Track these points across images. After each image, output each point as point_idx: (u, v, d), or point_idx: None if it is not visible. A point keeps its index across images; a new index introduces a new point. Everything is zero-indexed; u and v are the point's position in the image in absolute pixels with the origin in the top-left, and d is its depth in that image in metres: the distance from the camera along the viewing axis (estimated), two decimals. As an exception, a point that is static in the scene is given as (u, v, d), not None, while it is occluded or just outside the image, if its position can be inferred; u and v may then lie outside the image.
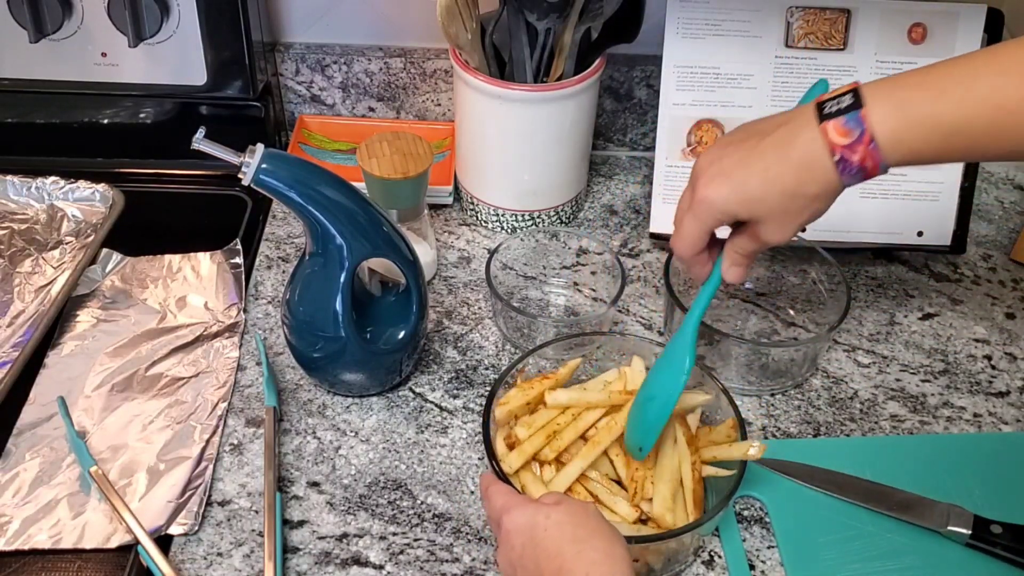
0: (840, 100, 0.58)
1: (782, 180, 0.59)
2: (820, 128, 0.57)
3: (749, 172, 0.60)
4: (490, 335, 0.88)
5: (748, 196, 0.61)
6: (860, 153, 0.57)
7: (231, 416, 0.80)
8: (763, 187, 0.60)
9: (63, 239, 0.94)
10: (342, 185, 0.72)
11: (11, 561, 0.69)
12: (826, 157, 0.58)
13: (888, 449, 0.79)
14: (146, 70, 0.98)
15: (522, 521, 0.58)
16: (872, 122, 0.57)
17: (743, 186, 0.60)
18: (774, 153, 0.59)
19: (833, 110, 0.57)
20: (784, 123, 0.60)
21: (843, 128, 0.57)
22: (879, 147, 0.57)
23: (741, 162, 0.60)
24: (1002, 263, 0.99)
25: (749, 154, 0.60)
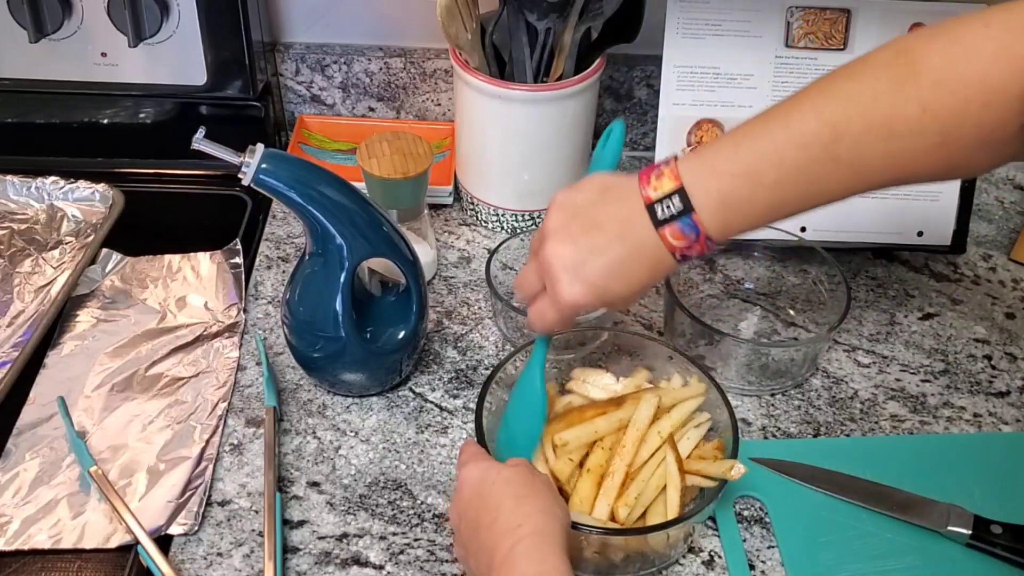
0: (670, 204, 0.60)
1: (639, 280, 0.63)
2: (659, 234, 0.61)
3: (612, 278, 0.63)
4: (490, 335, 0.88)
5: (611, 297, 0.64)
6: (697, 249, 0.61)
7: (231, 416, 0.80)
8: (625, 288, 0.63)
9: (63, 239, 0.94)
10: (342, 185, 0.72)
11: (11, 561, 0.69)
12: (669, 256, 0.61)
13: (888, 449, 0.79)
14: (146, 70, 0.98)
15: (475, 474, 0.62)
16: (704, 221, 0.60)
17: (606, 291, 0.63)
18: (629, 258, 0.62)
19: (667, 215, 0.60)
20: (626, 221, 0.62)
21: (680, 234, 0.60)
22: (713, 239, 0.61)
23: (604, 271, 0.63)
24: (1002, 263, 0.99)
25: (607, 259, 0.63)
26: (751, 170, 0.59)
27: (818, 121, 0.57)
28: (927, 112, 0.55)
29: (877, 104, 0.56)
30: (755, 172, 0.59)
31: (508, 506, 0.59)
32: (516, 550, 0.56)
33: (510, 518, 0.58)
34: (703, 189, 0.60)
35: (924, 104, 0.55)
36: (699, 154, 0.61)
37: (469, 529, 0.60)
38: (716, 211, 0.60)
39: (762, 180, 0.59)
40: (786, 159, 0.58)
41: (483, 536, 0.58)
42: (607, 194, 0.64)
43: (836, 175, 0.58)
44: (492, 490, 0.60)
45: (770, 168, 0.58)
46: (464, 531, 0.61)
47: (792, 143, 0.58)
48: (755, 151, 0.59)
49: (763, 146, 0.59)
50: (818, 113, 0.57)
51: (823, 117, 0.57)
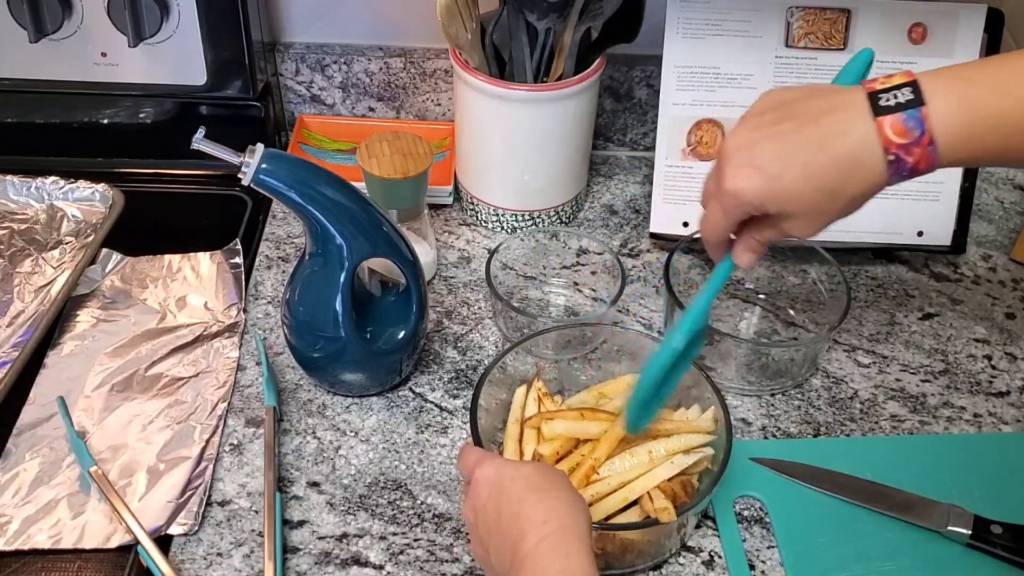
0: (898, 93, 0.53)
1: (824, 177, 0.55)
2: (876, 123, 0.53)
3: (786, 166, 0.55)
4: (490, 335, 0.88)
5: (782, 193, 0.56)
6: (916, 155, 0.53)
7: (231, 416, 0.80)
8: (801, 184, 0.55)
9: (63, 239, 0.94)
10: (342, 185, 0.72)
11: (11, 561, 0.69)
12: (878, 155, 0.53)
13: (888, 449, 0.79)
14: (146, 70, 0.98)
15: (491, 472, 0.60)
16: (933, 122, 0.52)
17: (777, 182, 0.55)
18: (818, 146, 0.54)
19: (892, 103, 0.53)
20: (830, 110, 0.55)
21: (902, 126, 0.52)
22: (937, 148, 0.53)
23: (778, 155, 0.55)
24: (1002, 263, 0.99)
25: (787, 144, 0.55)
26: (1000, 80, 0.52)
27: None
28: None
29: None
30: (1003, 81, 0.52)
31: (531, 500, 0.56)
32: (541, 546, 0.54)
33: (534, 512, 0.56)
34: (945, 87, 0.52)
35: None
36: (940, 69, 0.54)
37: (488, 524, 0.58)
38: (956, 110, 0.52)
39: (1010, 90, 0.52)
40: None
41: (505, 528, 0.56)
42: (821, 91, 0.56)
43: None
44: (512, 485, 0.58)
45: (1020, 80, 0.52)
46: (482, 527, 0.59)
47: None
48: (1006, 65, 0.53)
49: (1018, 62, 0.52)
50: None
51: None
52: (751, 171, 0.56)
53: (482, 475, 0.60)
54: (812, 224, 0.58)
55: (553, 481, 0.59)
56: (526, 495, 0.57)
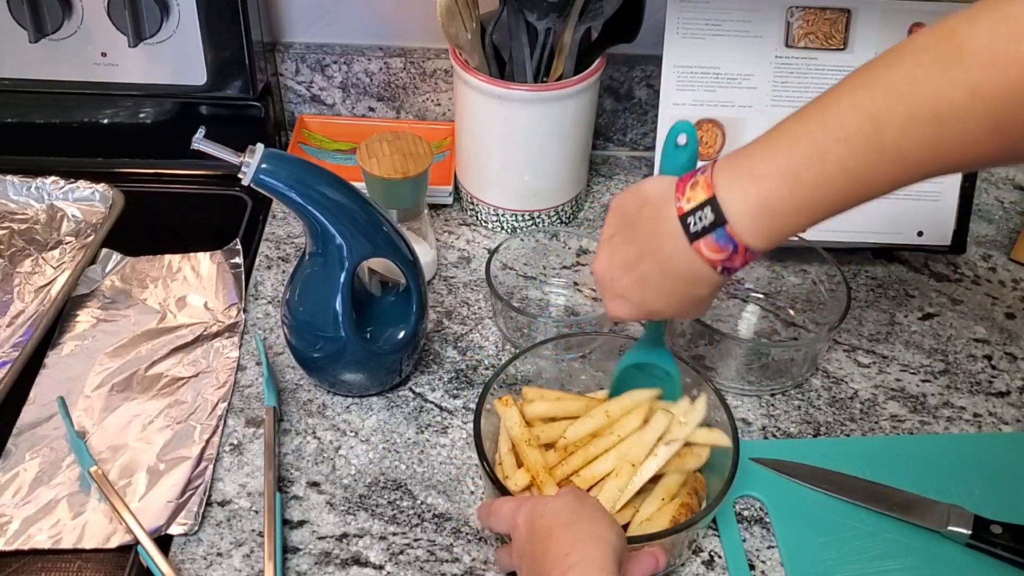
0: (701, 215, 0.58)
1: (676, 292, 0.62)
2: (694, 248, 0.59)
3: (644, 293, 0.64)
4: (490, 335, 0.88)
5: (650, 311, 0.65)
6: (739, 259, 0.59)
7: (231, 416, 0.80)
8: (662, 301, 0.64)
9: (63, 239, 0.94)
10: (342, 185, 0.72)
11: (11, 561, 0.69)
12: (709, 270, 0.60)
13: (888, 449, 0.79)
14: (146, 70, 0.98)
15: (526, 513, 0.62)
16: (741, 233, 0.57)
17: (643, 305, 0.65)
18: (661, 273, 0.62)
19: (699, 228, 0.58)
20: (658, 234, 0.61)
21: (716, 245, 0.58)
22: (753, 248, 0.58)
23: (634, 286, 0.64)
24: (1002, 263, 0.99)
25: (638, 275, 0.63)
26: (790, 170, 0.55)
27: (858, 113, 0.53)
28: (976, 96, 0.50)
29: (920, 90, 0.51)
30: (794, 172, 0.55)
31: (558, 534, 0.58)
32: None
33: (559, 546, 0.57)
34: (740, 195, 0.57)
35: (972, 88, 0.50)
36: (735, 157, 0.58)
37: (529, 566, 0.59)
38: (755, 218, 0.57)
39: (802, 180, 0.55)
40: (828, 156, 0.54)
41: (539, 567, 0.58)
42: (647, 205, 0.62)
43: (882, 168, 0.54)
44: (541, 523, 0.59)
45: (810, 166, 0.55)
46: (525, 570, 0.60)
47: (832, 138, 0.54)
48: (793, 150, 0.56)
49: (802, 145, 0.55)
50: (857, 105, 0.54)
51: (863, 108, 0.53)
52: (621, 302, 0.65)
53: (520, 518, 0.62)
54: (693, 314, 0.67)
55: (580, 513, 0.59)
56: (554, 529, 0.59)
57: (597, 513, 0.60)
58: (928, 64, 0.52)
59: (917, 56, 0.52)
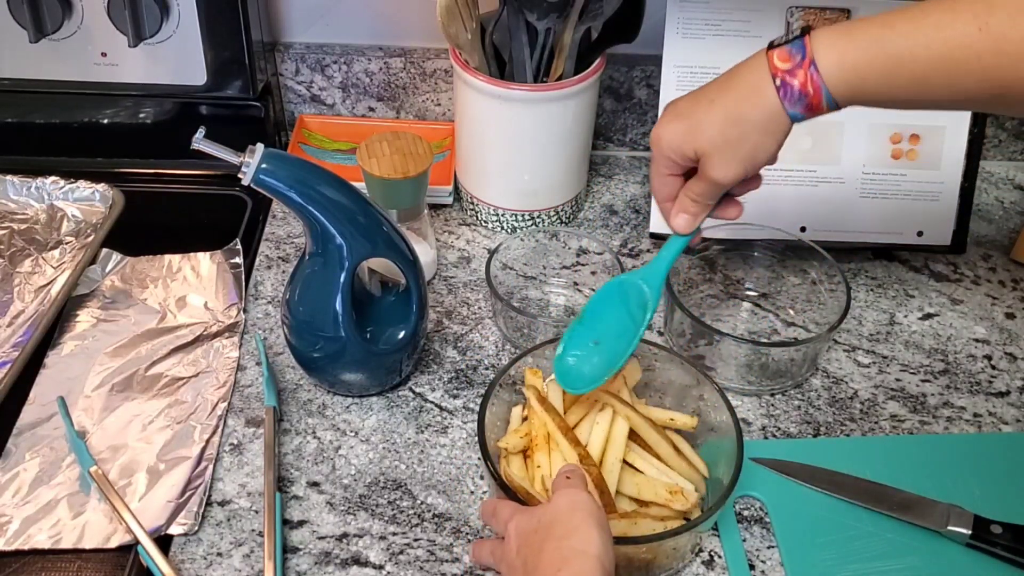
0: (790, 34, 0.60)
1: (724, 106, 0.62)
2: (766, 56, 0.60)
3: (695, 106, 0.63)
4: (490, 335, 0.88)
5: (692, 127, 0.63)
6: (800, 77, 0.59)
7: (231, 416, 0.80)
8: (706, 115, 0.62)
9: (63, 239, 0.94)
10: (342, 185, 0.72)
11: (11, 561, 0.69)
12: (767, 81, 0.60)
13: (888, 449, 0.79)
14: (146, 70, 0.98)
15: (516, 526, 0.61)
16: (815, 46, 0.58)
17: (688, 119, 0.63)
18: (719, 86, 0.62)
19: (782, 41, 0.60)
20: (736, 67, 0.63)
21: (787, 53, 0.59)
22: (820, 72, 0.58)
23: (690, 100, 0.64)
24: (1002, 263, 0.99)
25: (699, 93, 0.64)
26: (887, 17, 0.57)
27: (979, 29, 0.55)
28: None
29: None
30: (891, 17, 0.57)
31: (549, 549, 0.57)
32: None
33: (550, 562, 0.56)
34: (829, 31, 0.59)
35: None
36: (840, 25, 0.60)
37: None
38: (835, 39, 0.58)
39: (895, 24, 0.57)
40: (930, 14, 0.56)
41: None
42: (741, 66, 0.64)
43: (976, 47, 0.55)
44: (535, 537, 0.59)
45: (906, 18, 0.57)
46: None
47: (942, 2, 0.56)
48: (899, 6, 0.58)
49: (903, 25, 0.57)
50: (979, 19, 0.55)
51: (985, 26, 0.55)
52: (669, 117, 0.65)
53: (513, 529, 0.61)
54: (725, 159, 0.64)
55: (570, 526, 0.58)
56: (545, 544, 0.58)
57: (589, 523, 0.58)
58: None
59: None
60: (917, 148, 0.93)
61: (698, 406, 0.75)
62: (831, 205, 0.94)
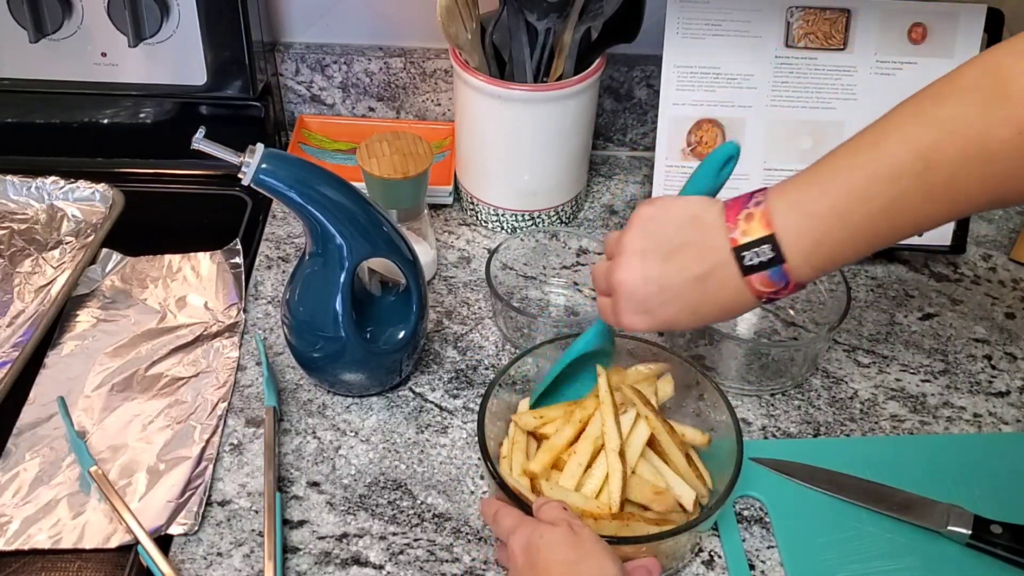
0: (759, 252, 0.58)
1: (709, 316, 0.63)
2: (746, 280, 0.59)
3: (678, 312, 0.63)
4: (490, 335, 0.88)
5: (671, 325, 0.64)
6: (784, 293, 0.60)
7: (231, 416, 0.80)
8: (688, 321, 0.63)
9: (63, 239, 0.94)
10: (342, 185, 0.72)
11: (11, 561, 0.69)
12: (753, 300, 0.61)
13: (888, 449, 0.79)
14: (146, 70, 0.98)
15: (522, 541, 0.61)
16: (794, 272, 0.58)
17: (668, 323, 0.64)
18: (702, 297, 0.61)
19: (755, 263, 0.59)
20: (704, 261, 0.61)
21: (769, 281, 0.59)
22: (801, 283, 0.60)
23: (669, 303, 0.62)
24: (1002, 263, 0.99)
25: (676, 297, 0.62)
26: (843, 209, 0.56)
27: (908, 151, 0.54)
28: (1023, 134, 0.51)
29: (969, 129, 0.53)
30: (846, 211, 0.56)
31: (557, 573, 0.57)
32: None
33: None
34: (795, 234, 0.58)
35: (1020, 126, 0.51)
36: (790, 192, 0.59)
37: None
38: (808, 256, 0.58)
39: (853, 219, 0.56)
40: (879, 194, 0.55)
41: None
42: (693, 227, 0.62)
43: (931, 205, 0.55)
44: (539, 557, 0.59)
45: (860, 205, 0.56)
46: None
47: (884, 176, 0.55)
48: (846, 187, 0.56)
49: (854, 181, 0.56)
50: (907, 141, 0.54)
51: (913, 146, 0.54)
52: (645, 316, 0.64)
53: (516, 545, 0.61)
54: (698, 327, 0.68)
55: (579, 550, 0.59)
56: (552, 568, 0.58)
57: (595, 547, 0.59)
58: (976, 103, 0.52)
59: (965, 95, 0.53)
60: (917, 148, 0.93)
61: (698, 406, 0.75)
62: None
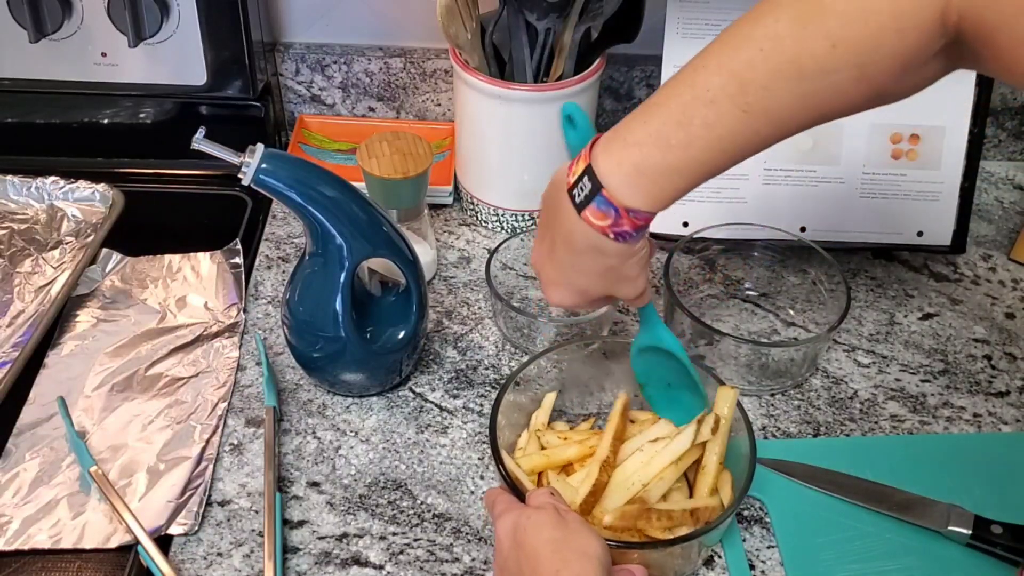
0: (582, 186, 0.60)
1: (590, 268, 0.63)
2: (583, 218, 0.60)
3: (567, 274, 0.65)
4: (490, 335, 0.88)
5: (581, 290, 0.66)
6: (626, 223, 0.60)
7: (231, 416, 0.80)
8: (583, 279, 0.65)
9: (63, 239, 0.94)
10: (342, 185, 0.72)
11: (11, 561, 0.69)
12: (602, 238, 0.61)
13: (888, 449, 0.79)
14: (146, 70, 0.98)
15: (508, 525, 0.61)
16: (618, 196, 0.59)
17: (572, 286, 0.66)
18: (570, 252, 0.63)
19: (581, 197, 0.60)
20: (559, 216, 0.63)
21: (599, 212, 0.59)
22: (636, 210, 0.59)
23: (557, 268, 0.65)
24: (1002, 263, 0.99)
25: (558, 260, 0.65)
26: (661, 135, 0.57)
27: (722, 74, 0.55)
28: (838, 47, 0.52)
29: (781, 46, 0.53)
30: (665, 135, 0.57)
31: (545, 553, 0.58)
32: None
33: (548, 565, 0.57)
34: (614, 163, 0.58)
35: (833, 40, 0.52)
36: (614, 129, 0.60)
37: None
38: (631, 182, 0.58)
39: (671, 143, 0.57)
40: (695, 117, 0.56)
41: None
42: (551, 190, 0.65)
43: (750, 126, 0.55)
44: (526, 538, 0.59)
45: (678, 129, 0.56)
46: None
47: (698, 100, 0.55)
48: (663, 115, 0.57)
49: (671, 109, 0.57)
50: (721, 66, 0.55)
51: (726, 68, 0.54)
52: (554, 288, 0.67)
53: (502, 529, 0.61)
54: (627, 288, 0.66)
55: (566, 528, 0.59)
56: (540, 547, 0.58)
57: (582, 528, 0.60)
58: (788, 20, 0.53)
59: (777, 12, 0.53)
60: (917, 148, 0.93)
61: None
62: (831, 205, 0.94)
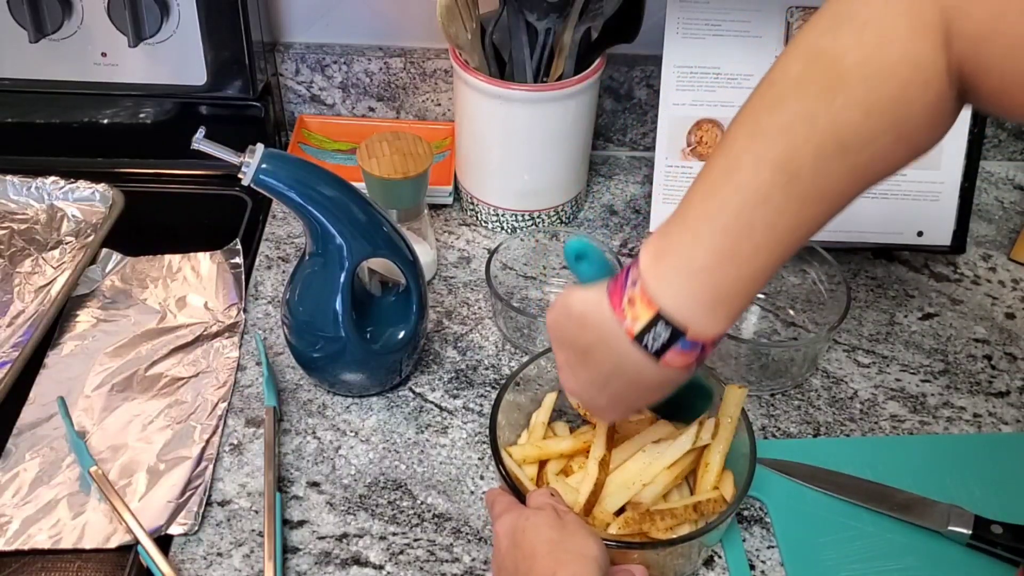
0: (655, 333, 0.55)
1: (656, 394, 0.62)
2: (661, 364, 0.56)
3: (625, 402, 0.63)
4: (490, 335, 0.88)
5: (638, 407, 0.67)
6: (708, 351, 0.57)
7: (231, 416, 0.80)
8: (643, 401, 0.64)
9: (63, 239, 0.94)
10: (342, 185, 0.72)
11: (11, 561, 0.69)
12: (682, 373, 0.58)
13: (888, 449, 0.79)
14: (146, 70, 0.98)
15: (507, 524, 0.61)
16: (704, 334, 0.55)
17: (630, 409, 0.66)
18: (634, 387, 0.59)
19: (660, 346, 0.55)
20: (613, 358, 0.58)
21: (683, 353, 0.55)
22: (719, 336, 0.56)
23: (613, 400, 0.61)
24: (1002, 263, 0.99)
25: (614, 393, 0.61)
26: (724, 251, 0.53)
27: (765, 168, 0.51)
28: (872, 114, 0.49)
29: (817, 126, 0.50)
30: (729, 251, 0.53)
31: (542, 552, 0.58)
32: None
33: (545, 566, 0.57)
34: (688, 298, 0.53)
35: (866, 107, 0.49)
36: (658, 254, 0.55)
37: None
38: (712, 313, 0.54)
39: (741, 256, 0.53)
40: (755, 221, 0.52)
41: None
42: (586, 328, 0.59)
43: (809, 211, 0.52)
44: (524, 539, 0.59)
45: (743, 240, 0.52)
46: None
47: (749, 203, 0.52)
48: (719, 229, 0.52)
49: (726, 220, 0.52)
50: (760, 160, 0.51)
51: (767, 161, 0.51)
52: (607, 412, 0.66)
53: (500, 529, 0.61)
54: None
55: (563, 529, 0.59)
56: (538, 547, 0.58)
57: (579, 529, 0.60)
58: (813, 95, 0.50)
59: (799, 92, 0.51)
60: (917, 148, 0.93)
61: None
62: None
